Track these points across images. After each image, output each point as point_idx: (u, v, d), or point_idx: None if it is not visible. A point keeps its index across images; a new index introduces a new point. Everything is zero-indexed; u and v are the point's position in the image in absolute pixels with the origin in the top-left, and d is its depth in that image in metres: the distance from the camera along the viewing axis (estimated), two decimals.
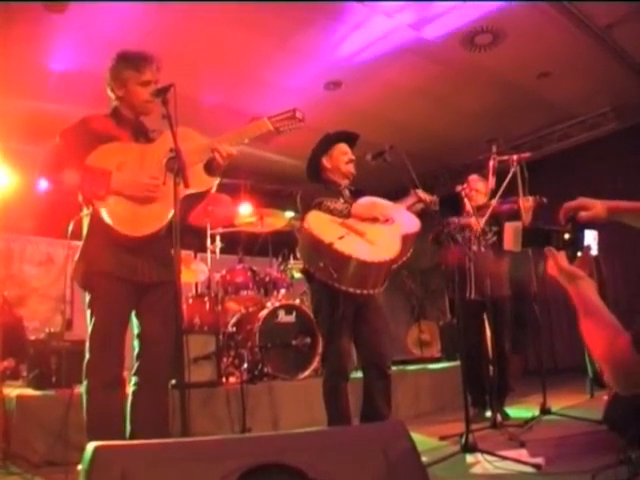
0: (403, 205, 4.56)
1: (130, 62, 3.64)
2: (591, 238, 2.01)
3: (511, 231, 2.16)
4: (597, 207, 2.02)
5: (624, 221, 2.05)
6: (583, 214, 2.01)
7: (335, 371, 4.35)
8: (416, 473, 1.93)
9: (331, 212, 4.29)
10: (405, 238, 4.19)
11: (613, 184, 9.88)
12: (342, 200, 4.43)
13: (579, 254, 1.97)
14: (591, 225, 2.01)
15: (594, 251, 1.99)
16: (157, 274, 3.53)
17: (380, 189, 4.65)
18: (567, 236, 2.01)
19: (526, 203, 5.68)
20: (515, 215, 5.73)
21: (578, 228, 2.01)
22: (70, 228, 3.73)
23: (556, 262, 1.95)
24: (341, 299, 4.18)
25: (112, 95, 3.71)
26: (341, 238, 4.02)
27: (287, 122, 3.76)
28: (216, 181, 3.68)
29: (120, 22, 6.25)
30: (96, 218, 3.42)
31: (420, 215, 4.58)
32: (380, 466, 1.90)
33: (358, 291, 4.03)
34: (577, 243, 2.00)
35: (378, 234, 4.18)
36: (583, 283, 1.88)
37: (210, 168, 3.63)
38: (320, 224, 4.16)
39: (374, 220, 4.29)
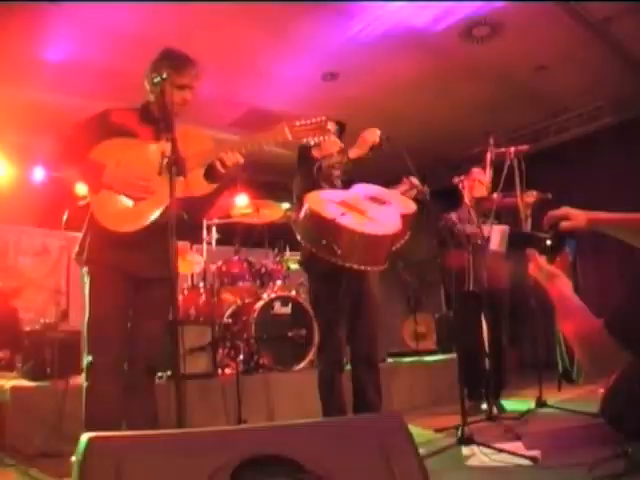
0: (397, 190, 4.57)
1: (171, 61, 3.63)
2: (570, 245, 2.19)
3: (498, 233, 2.28)
4: (579, 217, 2.18)
5: (604, 231, 2.16)
6: (565, 223, 2.16)
7: (331, 362, 4.37)
8: (413, 465, 1.92)
9: (333, 167, 4.32)
10: (404, 217, 4.18)
11: (609, 177, 9.88)
12: (336, 152, 4.45)
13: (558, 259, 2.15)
14: (572, 234, 2.18)
15: (572, 257, 2.18)
16: (154, 270, 3.52)
17: (376, 179, 4.63)
18: (549, 242, 2.17)
19: (529, 198, 5.68)
20: (515, 209, 5.73)
21: (559, 236, 2.17)
22: (65, 217, 3.72)
23: (536, 263, 2.14)
24: (339, 290, 4.18)
25: (148, 88, 3.69)
26: (343, 215, 4.00)
27: (312, 133, 3.47)
28: (212, 187, 3.62)
29: (117, 13, 6.22)
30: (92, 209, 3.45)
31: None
32: (377, 458, 1.89)
33: (362, 267, 4.00)
34: (557, 249, 2.16)
35: (378, 212, 4.17)
36: (559, 281, 2.07)
37: (209, 174, 3.58)
38: (320, 203, 4.14)
39: (375, 147, 4.40)
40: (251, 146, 3.50)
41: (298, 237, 4.26)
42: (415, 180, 4.63)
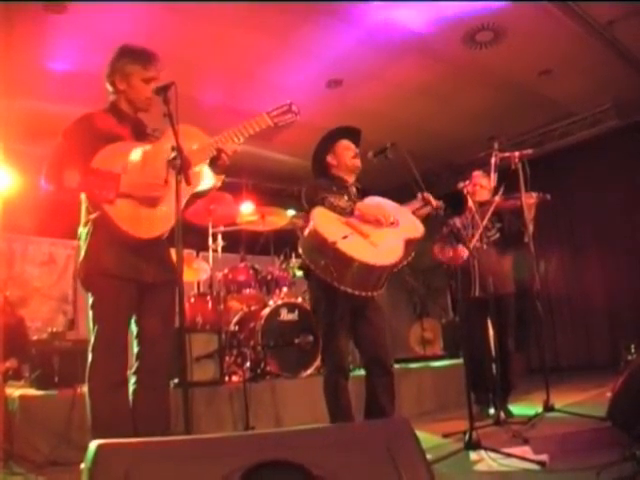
0: (409, 208, 4.53)
1: (136, 57, 3.64)
2: None
3: None
4: None
5: None
6: None
7: (335, 369, 4.34)
8: (421, 470, 1.92)
9: (334, 209, 4.26)
10: (408, 242, 4.15)
11: (614, 181, 9.89)
12: (346, 197, 4.40)
13: None
14: None
15: None
16: (160, 274, 3.52)
17: (381, 187, 4.64)
18: None
19: (529, 199, 5.68)
20: (518, 211, 5.73)
21: None
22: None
23: None
24: (339, 297, 4.16)
25: (111, 88, 3.69)
26: (345, 238, 3.96)
27: (284, 116, 3.79)
28: (221, 178, 3.70)
29: (120, 22, 6.25)
30: (102, 221, 3.40)
31: (424, 219, 4.54)
32: (384, 463, 1.89)
33: (357, 292, 4.00)
34: None
35: (382, 237, 4.13)
36: None
37: (214, 166, 3.64)
38: (325, 222, 4.11)
39: (377, 223, 4.27)
40: (241, 134, 3.67)
41: (300, 250, 4.25)
42: (429, 197, 4.60)
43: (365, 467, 1.89)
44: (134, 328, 3.58)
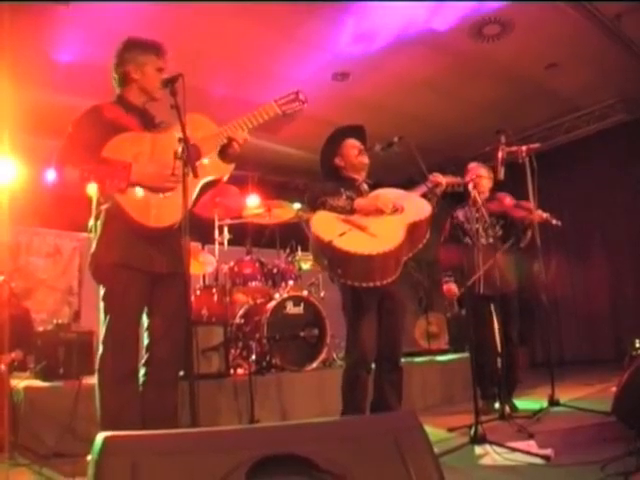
0: (417, 192, 4.54)
1: (147, 47, 3.67)
2: None
3: None
4: None
5: None
6: None
7: (358, 362, 4.37)
8: (429, 464, 1.92)
9: (335, 210, 4.29)
10: (412, 226, 4.16)
11: (621, 175, 9.87)
12: (344, 196, 4.41)
13: None
14: None
15: None
16: (172, 265, 3.52)
17: (389, 180, 4.63)
18: None
19: (538, 216, 5.68)
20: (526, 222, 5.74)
21: None
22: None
23: None
24: (364, 294, 4.20)
25: (120, 80, 3.69)
26: (342, 235, 4.01)
27: (292, 104, 3.82)
28: (232, 168, 3.70)
29: (126, 14, 6.24)
30: (114, 211, 3.40)
31: (443, 197, 4.56)
32: (392, 456, 1.89)
33: (364, 284, 4.02)
34: None
35: (381, 226, 4.16)
36: None
37: (224, 155, 3.66)
38: (323, 223, 4.20)
39: (379, 212, 4.28)
40: (250, 123, 3.71)
41: (311, 255, 4.31)
42: (437, 177, 4.61)
43: (373, 460, 1.88)
44: (145, 320, 3.59)
